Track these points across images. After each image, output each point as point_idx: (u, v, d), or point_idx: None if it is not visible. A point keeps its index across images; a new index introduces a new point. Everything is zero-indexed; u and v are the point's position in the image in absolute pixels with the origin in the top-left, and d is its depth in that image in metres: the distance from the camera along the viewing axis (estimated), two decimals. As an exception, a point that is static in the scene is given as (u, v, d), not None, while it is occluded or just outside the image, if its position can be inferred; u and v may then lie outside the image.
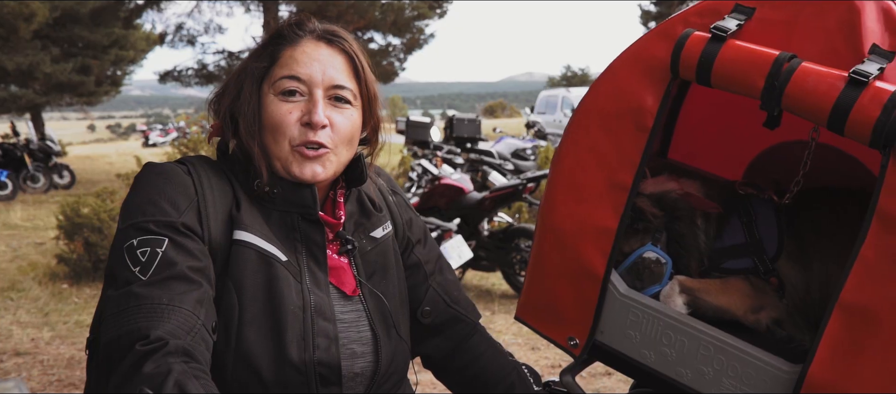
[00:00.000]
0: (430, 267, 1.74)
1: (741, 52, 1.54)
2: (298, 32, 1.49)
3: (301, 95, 1.45)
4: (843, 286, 1.45)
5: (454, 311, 1.74)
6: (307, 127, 1.43)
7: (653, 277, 1.81)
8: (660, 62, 1.65)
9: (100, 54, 23.99)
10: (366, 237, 1.56)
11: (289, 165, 1.45)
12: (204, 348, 1.20)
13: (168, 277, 1.23)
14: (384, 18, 22.91)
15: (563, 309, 1.88)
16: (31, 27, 15.05)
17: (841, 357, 1.46)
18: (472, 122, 14.28)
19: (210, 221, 1.37)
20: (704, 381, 1.69)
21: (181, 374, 1.07)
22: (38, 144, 18.38)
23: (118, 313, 1.18)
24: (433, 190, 8.04)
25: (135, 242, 1.26)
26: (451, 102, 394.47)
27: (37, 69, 19.03)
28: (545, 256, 1.89)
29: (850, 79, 1.40)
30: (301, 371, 1.36)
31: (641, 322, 1.77)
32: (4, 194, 16.16)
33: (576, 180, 1.81)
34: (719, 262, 1.86)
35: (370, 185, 1.67)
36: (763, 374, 1.61)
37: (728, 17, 1.61)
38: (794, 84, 1.46)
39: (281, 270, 1.39)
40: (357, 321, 1.49)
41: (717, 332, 1.67)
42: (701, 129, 2.11)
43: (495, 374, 1.72)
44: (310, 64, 1.45)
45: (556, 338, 1.91)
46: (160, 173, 1.39)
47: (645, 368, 1.78)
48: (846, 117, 1.40)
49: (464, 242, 6.80)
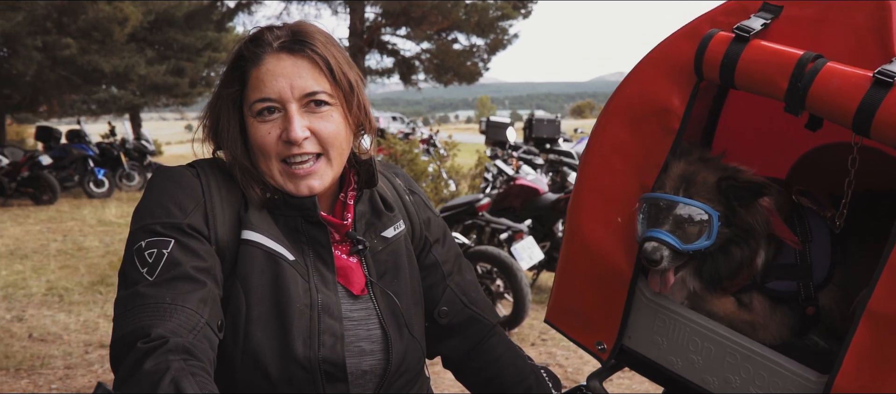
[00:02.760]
0: (448, 267, 1.73)
1: (765, 53, 1.49)
2: (257, 50, 1.46)
3: (277, 112, 1.44)
4: (871, 294, 1.39)
5: (471, 312, 1.74)
6: (288, 143, 1.44)
7: (698, 230, 1.63)
8: (686, 63, 1.62)
9: (193, 57, 24.90)
10: (377, 237, 1.57)
11: (283, 183, 1.47)
12: (207, 345, 1.23)
13: (173, 278, 1.26)
14: (468, 19, 22.96)
15: (590, 313, 1.86)
16: (125, 31, 15.75)
17: (868, 367, 1.40)
18: (551, 122, 14.19)
19: (217, 222, 1.41)
20: (731, 389, 1.65)
21: (178, 371, 1.10)
22: (134, 144, 19.18)
23: (125, 312, 1.23)
24: (507, 190, 8.03)
25: (143, 243, 1.31)
26: (540, 102, 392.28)
27: (132, 71, 19.87)
28: (573, 260, 1.88)
29: (875, 79, 1.35)
30: (306, 368, 1.39)
31: (669, 328, 1.74)
32: (101, 192, 16.95)
33: (602, 183, 1.79)
34: (766, 279, 1.75)
35: (385, 185, 1.69)
36: (790, 383, 1.56)
37: (754, 17, 1.57)
38: (817, 85, 1.41)
39: (288, 270, 1.42)
40: (366, 320, 1.51)
41: (745, 339, 1.63)
42: (742, 131, 2.05)
43: (512, 376, 1.71)
44: (275, 81, 1.42)
45: (584, 342, 1.89)
46: (169, 177, 1.43)
47: (672, 374, 1.75)
48: (872, 119, 1.35)
49: (535, 244, 6.76)
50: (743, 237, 1.68)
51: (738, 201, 1.65)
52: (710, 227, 1.61)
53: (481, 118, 11.71)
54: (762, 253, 1.73)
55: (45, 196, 15.71)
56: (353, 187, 1.58)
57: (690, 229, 1.63)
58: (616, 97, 1.78)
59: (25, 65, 15.81)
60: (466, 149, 14.52)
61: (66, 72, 17.66)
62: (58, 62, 16.70)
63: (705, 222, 1.62)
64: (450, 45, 24.13)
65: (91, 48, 16.40)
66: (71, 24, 15.77)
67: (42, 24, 15.59)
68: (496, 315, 1.79)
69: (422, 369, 1.62)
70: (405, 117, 47.00)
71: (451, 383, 5.09)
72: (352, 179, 1.58)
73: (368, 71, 25.24)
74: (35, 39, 15.41)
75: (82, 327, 6.68)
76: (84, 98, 25.54)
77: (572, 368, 5.59)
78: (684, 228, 1.63)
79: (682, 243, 1.61)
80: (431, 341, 1.72)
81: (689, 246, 1.62)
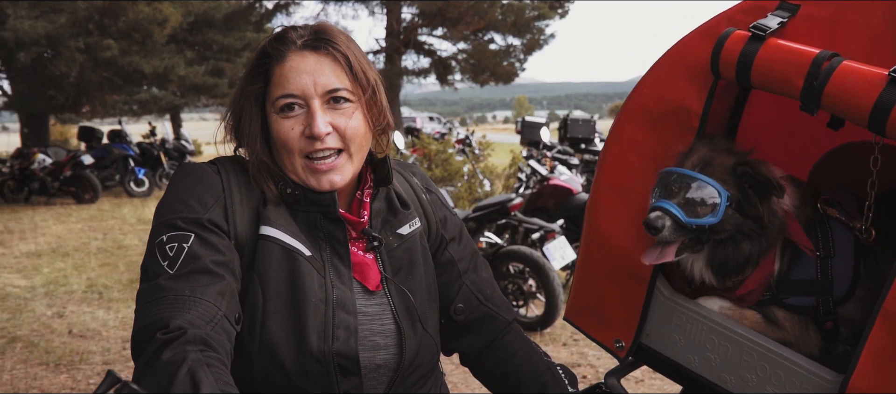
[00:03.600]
0: (464, 265, 1.76)
1: (780, 51, 1.49)
2: (281, 48, 1.50)
3: (300, 108, 1.48)
4: (888, 294, 1.39)
5: (487, 308, 1.75)
6: (311, 139, 1.48)
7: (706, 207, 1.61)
8: (703, 62, 1.62)
9: (232, 57, 25.20)
10: (392, 234, 1.60)
11: (305, 179, 1.51)
12: (224, 337, 1.27)
13: (192, 271, 1.30)
14: (504, 19, 22.97)
15: (609, 311, 1.87)
16: (165, 32, 16.01)
17: (884, 367, 1.39)
18: (586, 122, 14.13)
19: (236, 217, 1.45)
20: (748, 387, 1.64)
21: (195, 361, 1.13)
22: (174, 144, 19.51)
23: (145, 304, 1.28)
24: (541, 190, 8.03)
25: (164, 238, 1.35)
26: (579, 102, 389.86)
27: (172, 72, 20.16)
28: (592, 257, 1.89)
29: (891, 78, 1.34)
30: (321, 362, 1.42)
31: (686, 326, 1.74)
32: (141, 191, 17.27)
33: (621, 181, 1.80)
34: (783, 295, 1.71)
35: (402, 183, 1.72)
36: (806, 382, 1.55)
37: (771, 15, 1.57)
38: (833, 84, 1.40)
39: (304, 265, 1.45)
40: (381, 315, 1.54)
41: (762, 338, 1.63)
42: (764, 129, 2.04)
43: (528, 373, 1.73)
44: (299, 78, 1.46)
45: (602, 340, 1.90)
46: (191, 174, 1.48)
47: (690, 373, 1.75)
48: (887, 117, 1.34)
49: (567, 244, 6.75)
50: (754, 232, 1.65)
51: (753, 190, 1.63)
52: (717, 206, 1.59)
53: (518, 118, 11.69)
54: (777, 259, 1.71)
55: (86, 195, 16.06)
56: (369, 185, 1.61)
57: (699, 206, 1.61)
58: (634, 96, 1.79)
59: (68, 66, 16.15)
60: (500, 149, 14.55)
61: (108, 73, 17.99)
62: (99, 63, 17.03)
63: (714, 201, 1.60)
64: (486, 46, 24.16)
65: (132, 49, 16.70)
66: (112, 25, 16.09)
67: (84, 25, 15.92)
68: (512, 312, 1.81)
69: (436, 365, 1.64)
70: (442, 118, 47.01)
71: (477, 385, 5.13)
72: (368, 178, 1.62)
73: (405, 71, 25.37)
74: (77, 41, 15.73)
75: (121, 324, 6.83)
76: (126, 99, 25.99)
77: (603, 368, 5.57)
78: (693, 203, 1.61)
79: (686, 217, 1.60)
80: (447, 338, 1.75)
81: (694, 220, 1.60)
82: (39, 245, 11.05)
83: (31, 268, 9.40)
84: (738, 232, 1.65)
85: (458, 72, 24.98)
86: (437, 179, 11.53)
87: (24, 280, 8.69)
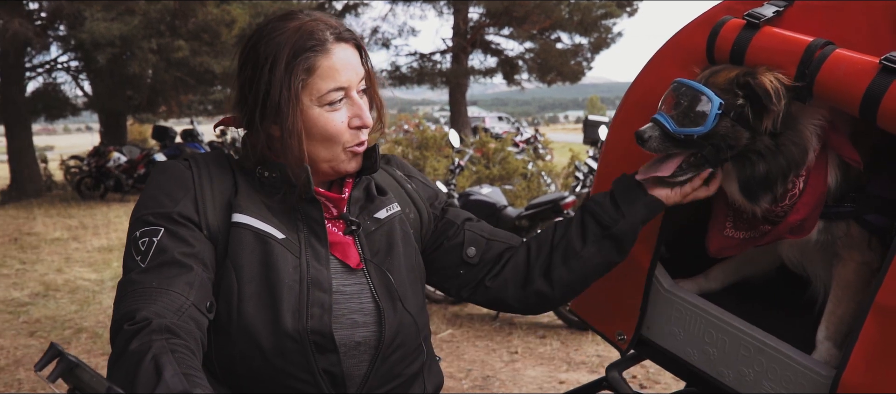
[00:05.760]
0: (461, 219, 1.78)
1: (774, 39, 1.48)
2: (324, 40, 1.49)
3: (342, 99, 1.52)
4: (879, 288, 1.36)
5: (496, 240, 1.76)
6: (357, 129, 1.54)
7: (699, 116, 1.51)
8: (700, 51, 1.61)
9: (301, 58, 25.54)
10: (370, 219, 1.63)
11: (339, 164, 1.56)
12: (193, 325, 1.32)
13: (161, 264, 1.36)
14: (571, 18, 22.79)
15: (611, 303, 1.87)
16: (233, 33, 16.31)
17: (876, 362, 1.36)
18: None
19: (207, 208, 1.49)
20: (746, 382, 1.63)
21: (159, 349, 1.18)
22: (244, 142, 19.83)
23: (119, 298, 1.35)
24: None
25: (137, 233, 1.42)
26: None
27: (241, 72, 20.44)
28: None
29: (882, 66, 1.32)
30: (296, 340, 1.46)
31: (685, 319, 1.73)
32: (213, 193, 17.66)
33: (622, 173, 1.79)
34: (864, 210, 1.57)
35: (383, 176, 1.75)
36: (800, 377, 1.53)
37: (767, 4, 1.55)
38: (825, 72, 1.39)
39: (276, 247, 1.49)
40: (360, 294, 1.56)
41: (758, 331, 1.61)
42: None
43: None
44: (346, 70, 1.50)
45: (605, 332, 1.90)
46: (162, 171, 1.54)
47: (689, 366, 1.74)
48: (878, 105, 1.32)
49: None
50: (770, 149, 1.52)
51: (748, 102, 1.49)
52: (706, 114, 1.49)
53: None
54: (829, 176, 1.56)
55: (159, 193, 16.53)
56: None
57: (692, 115, 1.51)
58: (634, 87, 1.78)
59: (142, 67, 16.63)
60: (559, 148, 14.36)
61: (180, 73, 18.46)
62: (172, 64, 17.48)
63: (704, 110, 1.50)
64: (552, 45, 24.01)
65: (202, 50, 17.10)
66: (182, 26, 16.50)
67: (156, 26, 16.36)
68: (519, 239, 1.79)
69: (419, 346, 1.65)
70: (511, 117, 46.90)
71: (470, 377, 5.10)
72: None
73: (472, 70, 25.40)
74: (150, 42, 16.18)
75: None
76: (201, 98, 26.62)
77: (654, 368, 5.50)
78: (685, 113, 1.52)
79: (675, 126, 1.52)
80: (479, 284, 1.74)
81: (681, 129, 1.51)
82: (111, 240, 11.43)
83: (101, 262, 9.74)
84: (750, 150, 1.53)
85: (525, 71, 24.91)
86: (494, 178, 11.51)
87: (94, 274, 9.01)
